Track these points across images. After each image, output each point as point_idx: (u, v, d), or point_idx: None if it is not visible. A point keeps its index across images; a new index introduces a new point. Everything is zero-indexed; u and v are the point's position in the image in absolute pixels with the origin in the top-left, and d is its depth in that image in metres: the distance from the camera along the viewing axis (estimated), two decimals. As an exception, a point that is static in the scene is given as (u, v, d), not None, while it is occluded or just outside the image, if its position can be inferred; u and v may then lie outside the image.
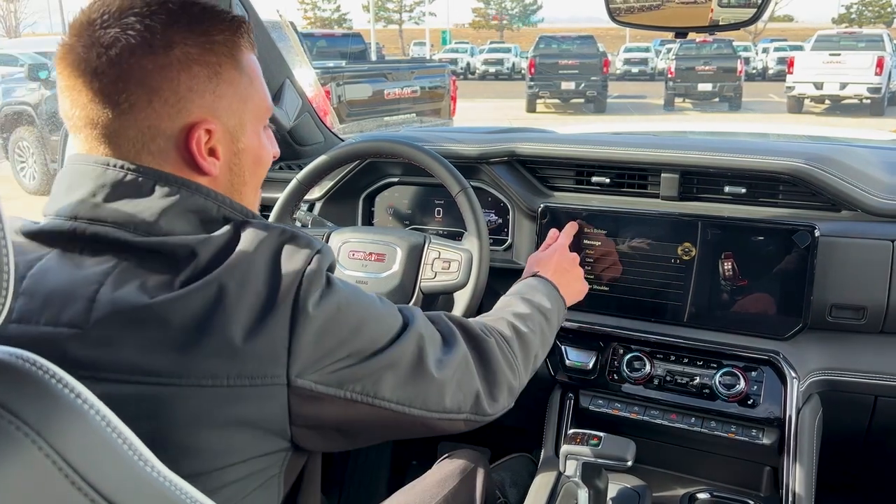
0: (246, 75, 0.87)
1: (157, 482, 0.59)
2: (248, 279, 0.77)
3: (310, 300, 0.78)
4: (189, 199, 0.81)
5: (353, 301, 0.85)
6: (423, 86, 8.82)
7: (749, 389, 1.43)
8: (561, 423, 1.60)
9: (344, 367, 0.81)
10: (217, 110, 0.84)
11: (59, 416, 0.53)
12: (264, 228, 0.82)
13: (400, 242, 1.51)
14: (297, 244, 0.81)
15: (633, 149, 1.60)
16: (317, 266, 0.80)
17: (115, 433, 0.57)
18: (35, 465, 0.51)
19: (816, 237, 1.38)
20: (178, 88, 0.80)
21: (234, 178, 0.89)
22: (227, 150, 0.87)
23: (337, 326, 0.81)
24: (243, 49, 0.87)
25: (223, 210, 0.84)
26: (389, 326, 0.89)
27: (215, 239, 0.79)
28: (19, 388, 0.53)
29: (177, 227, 0.80)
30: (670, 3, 1.33)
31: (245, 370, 0.74)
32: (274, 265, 0.79)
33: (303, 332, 0.77)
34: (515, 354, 1.08)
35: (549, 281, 1.32)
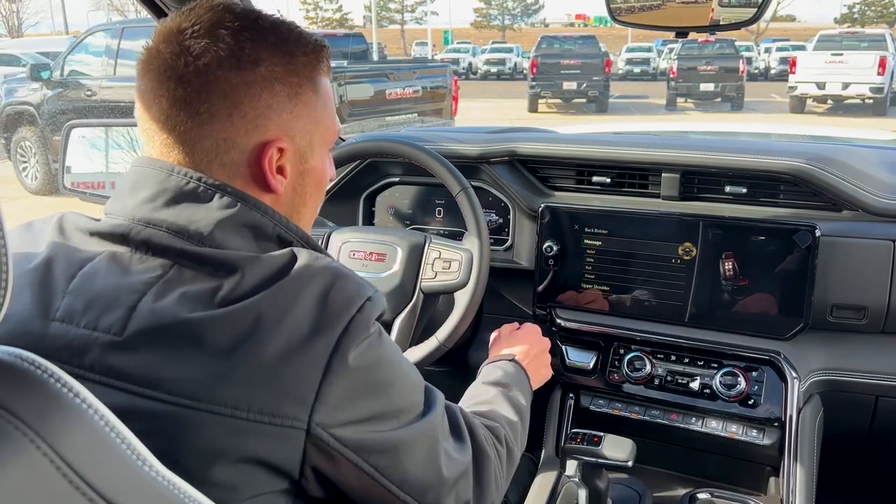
0: (321, 98, 0.88)
1: (157, 482, 0.59)
2: (290, 312, 0.74)
3: (353, 348, 0.75)
4: (246, 214, 0.81)
5: (392, 361, 0.82)
6: (424, 86, 8.81)
7: (750, 389, 1.43)
8: (561, 423, 1.60)
9: (366, 431, 0.78)
10: (292, 130, 0.85)
11: (59, 416, 0.53)
12: (316, 262, 0.79)
13: (400, 242, 1.51)
14: (348, 285, 0.78)
15: (634, 148, 1.60)
16: (366, 313, 0.78)
17: (115, 433, 0.57)
18: (34, 465, 0.50)
19: (817, 237, 1.38)
20: (259, 105, 0.81)
21: (297, 197, 0.89)
22: (295, 170, 0.87)
23: (372, 383, 0.79)
24: (322, 73, 0.88)
25: (278, 229, 0.83)
26: (417, 400, 0.86)
27: (264, 260, 0.78)
28: (19, 388, 0.53)
29: (230, 240, 0.79)
30: (671, 2, 1.33)
31: (267, 406, 0.71)
32: (320, 303, 0.76)
33: (336, 379, 0.74)
34: (503, 472, 1.04)
35: (525, 371, 1.28)
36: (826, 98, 16.50)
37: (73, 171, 1.90)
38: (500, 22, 63.28)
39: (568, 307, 1.60)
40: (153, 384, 0.70)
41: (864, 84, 15.63)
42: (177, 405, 0.70)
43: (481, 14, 64.59)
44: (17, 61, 14.76)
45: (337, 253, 1.55)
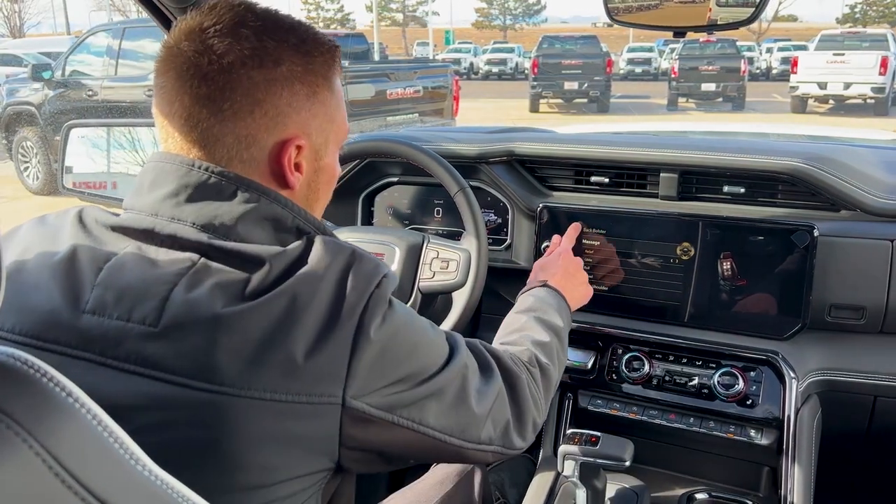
0: (335, 97, 0.91)
1: (150, 482, 0.58)
2: (315, 296, 0.77)
3: (373, 323, 0.79)
4: (267, 208, 0.83)
5: (409, 325, 0.86)
6: (425, 86, 8.82)
7: (748, 389, 1.43)
8: (560, 423, 1.60)
9: (396, 392, 0.82)
10: (309, 128, 0.87)
11: (51, 415, 0.53)
12: (334, 246, 0.82)
13: (398, 242, 1.51)
14: (365, 265, 0.82)
15: (632, 148, 1.60)
16: (383, 289, 0.81)
17: (107, 433, 0.56)
18: (26, 464, 0.50)
19: (815, 237, 1.38)
20: (280, 103, 0.83)
21: (311, 193, 0.91)
22: (310, 167, 0.89)
23: (394, 351, 0.82)
24: (336, 73, 0.91)
25: (297, 221, 0.85)
26: (438, 353, 0.89)
27: (289, 253, 0.80)
28: (10, 388, 0.52)
29: (253, 233, 0.81)
30: (669, 2, 1.34)
31: (303, 387, 0.74)
32: (341, 285, 0.79)
33: (363, 354, 0.78)
34: (540, 389, 1.08)
35: (559, 292, 1.32)
36: (827, 98, 16.49)
37: (73, 171, 1.90)
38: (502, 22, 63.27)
39: None
40: (192, 374, 0.72)
41: (866, 84, 15.61)
42: (216, 392, 0.72)
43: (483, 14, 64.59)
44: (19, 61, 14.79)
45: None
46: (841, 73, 15.70)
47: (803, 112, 16.49)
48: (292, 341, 0.74)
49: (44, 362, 0.56)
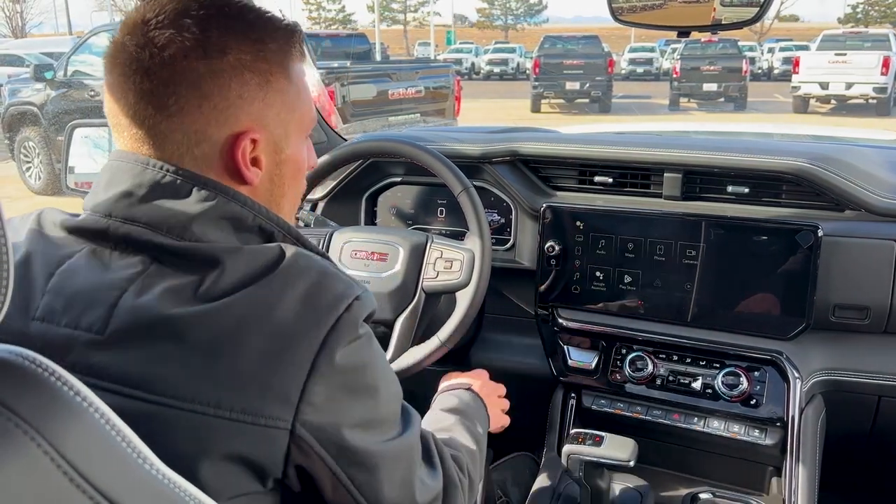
0: (294, 85, 0.86)
1: (157, 480, 0.59)
2: (275, 310, 0.73)
3: (339, 348, 0.74)
4: (225, 206, 0.79)
5: (379, 366, 0.81)
6: (427, 86, 8.81)
7: (752, 389, 1.43)
8: (563, 423, 1.60)
9: (349, 437, 0.77)
10: (265, 119, 0.83)
11: (58, 413, 0.53)
12: (305, 259, 0.78)
13: (402, 242, 1.51)
14: (336, 284, 0.77)
15: (636, 148, 1.60)
16: (353, 314, 0.76)
17: (115, 431, 0.57)
18: (34, 462, 0.51)
19: (820, 237, 1.38)
20: (229, 95, 0.79)
21: (274, 188, 0.87)
22: (270, 160, 0.85)
23: (358, 385, 0.78)
24: (294, 58, 0.86)
25: (258, 220, 0.81)
26: (397, 411, 0.85)
27: (247, 253, 0.76)
28: (18, 386, 0.53)
29: (209, 233, 0.77)
30: (673, 2, 1.33)
31: (251, 406, 0.70)
32: (307, 301, 0.74)
33: (322, 379, 0.73)
34: (466, 501, 1.02)
35: (483, 401, 1.26)
36: (829, 98, 16.47)
37: (76, 171, 1.90)
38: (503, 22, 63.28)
39: (570, 307, 1.60)
40: (136, 383, 0.69)
41: (868, 84, 15.60)
42: (160, 405, 0.69)
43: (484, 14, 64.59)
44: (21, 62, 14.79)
45: (339, 253, 1.55)
46: (843, 73, 15.69)
47: (805, 112, 16.48)
48: (242, 355, 0.70)
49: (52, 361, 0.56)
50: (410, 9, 59.24)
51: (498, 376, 1.75)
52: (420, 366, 1.47)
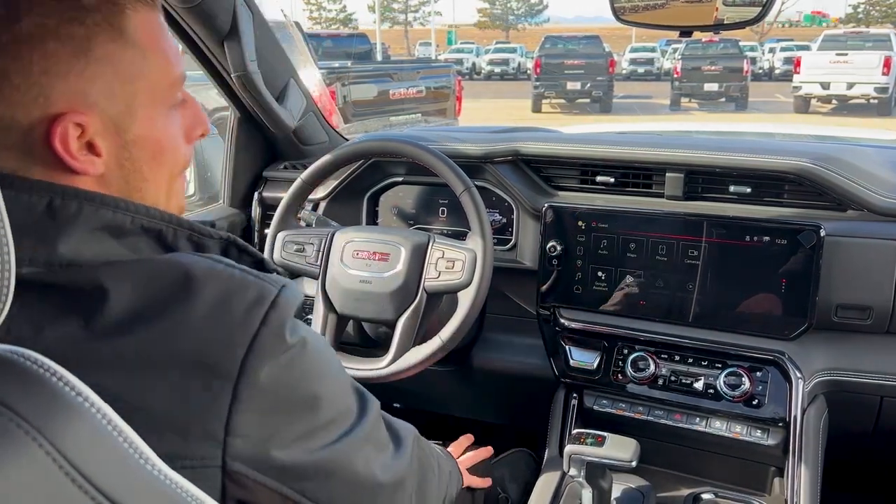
0: (133, 46, 0.69)
1: (158, 480, 0.58)
2: (181, 337, 0.63)
3: (263, 368, 0.64)
4: (94, 216, 0.65)
5: (318, 370, 0.71)
6: (428, 86, 8.84)
7: (754, 390, 1.43)
8: (565, 423, 1.60)
9: (290, 455, 0.68)
10: (89, 97, 0.67)
11: (59, 413, 0.53)
12: (201, 266, 0.66)
13: (404, 242, 1.51)
14: (245, 292, 0.66)
15: (638, 148, 1.59)
16: (272, 324, 0.65)
17: (116, 431, 0.56)
18: (34, 461, 0.51)
19: (822, 237, 1.37)
20: (32, 70, 0.64)
21: (129, 175, 0.72)
22: (112, 144, 0.70)
23: (293, 400, 0.68)
24: (127, 12, 0.68)
25: (139, 220, 0.68)
26: (348, 404, 0.77)
27: (131, 269, 0.65)
28: (19, 385, 0.53)
29: (84, 251, 0.64)
30: (675, 1, 1.33)
31: (174, 450, 0.61)
32: (214, 321, 0.64)
33: (247, 406, 0.64)
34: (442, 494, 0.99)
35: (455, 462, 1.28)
36: (830, 98, 16.48)
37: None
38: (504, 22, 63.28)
39: (571, 307, 1.60)
40: None
41: (869, 84, 15.61)
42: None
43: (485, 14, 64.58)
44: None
45: (340, 252, 1.55)
46: (844, 73, 15.71)
47: (806, 112, 16.48)
48: (153, 397, 0.61)
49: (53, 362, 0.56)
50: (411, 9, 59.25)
51: (499, 376, 1.76)
52: (422, 366, 1.47)
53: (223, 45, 1.57)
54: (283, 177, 1.91)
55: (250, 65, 1.58)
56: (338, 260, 1.54)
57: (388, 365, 1.48)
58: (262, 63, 1.65)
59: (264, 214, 1.93)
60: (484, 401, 1.93)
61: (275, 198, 1.87)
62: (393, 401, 2.07)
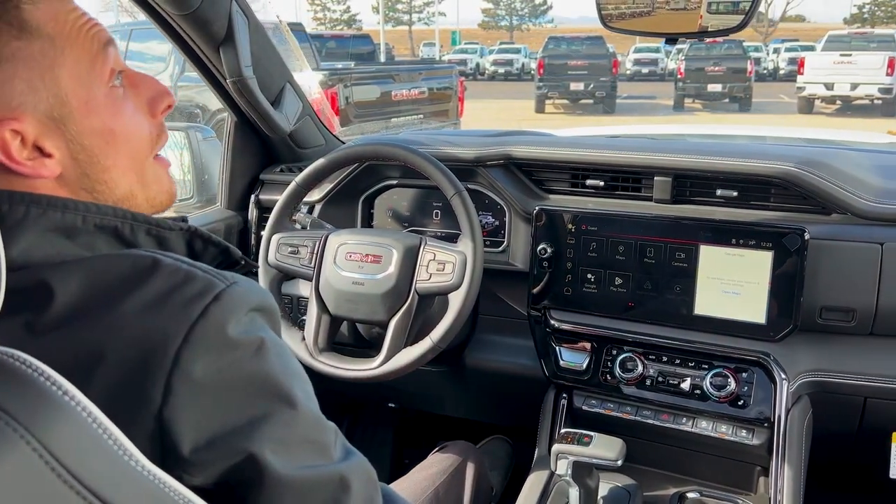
0: (40, 37, 0.66)
1: (144, 477, 0.59)
2: (121, 329, 0.61)
3: (197, 361, 0.61)
4: (42, 219, 0.65)
5: (269, 377, 0.66)
6: (430, 87, 8.85)
7: (739, 390, 1.45)
8: (555, 423, 1.62)
9: (241, 467, 0.64)
10: (12, 100, 0.65)
11: (48, 412, 0.55)
12: (149, 261, 0.65)
13: (396, 244, 1.54)
14: (191, 286, 0.64)
15: (627, 152, 1.62)
16: (213, 317, 0.63)
17: (102, 430, 0.57)
18: (24, 460, 0.52)
19: (806, 240, 1.39)
20: None
21: (87, 168, 0.70)
22: (59, 140, 0.68)
23: (243, 401, 0.64)
24: (23, 6, 0.65)
25: (91, 218, 0.67)
26: (315, 435, 0.71)
27: (73, 268, 0.64)
28: (8, 385, 0.54)
29: (35, 253, 0.64)
30: (661, 9, 1.35)
31: None
32: (151, 316, 0.62)
33: (182, 401, 0.61)
34: None
35: None
36: (834, 99, 16.47)
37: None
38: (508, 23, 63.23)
39: (561, 308, 1.62)
40: None
41: (873, 85, 15.59)
42: None
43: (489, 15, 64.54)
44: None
45: (334, 254, 1.57)
46: (848, 74, 15.69)
47: (810, 113, 16.45)
48: (91, 393, 0.57)
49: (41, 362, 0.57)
50: (415, 9, 59.26)
51: (491, 376, 1.79)
52: (413, 366, 1.50)
53: (219, 50, 1.59)
54: (279, 179, 1.94)
55: (245, 70, 1.61)
56: (331, 262, 1.57)
57: (380, 365, 1.51)
58: (258, 68, 1.68)
59: (261, 217, 1.96)
60: (476, 400, 1.95)
61: (271, 200, 1.90)
62: (387, 401, 2.09)
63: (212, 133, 2.24)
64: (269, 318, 0.70)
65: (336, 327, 1.62)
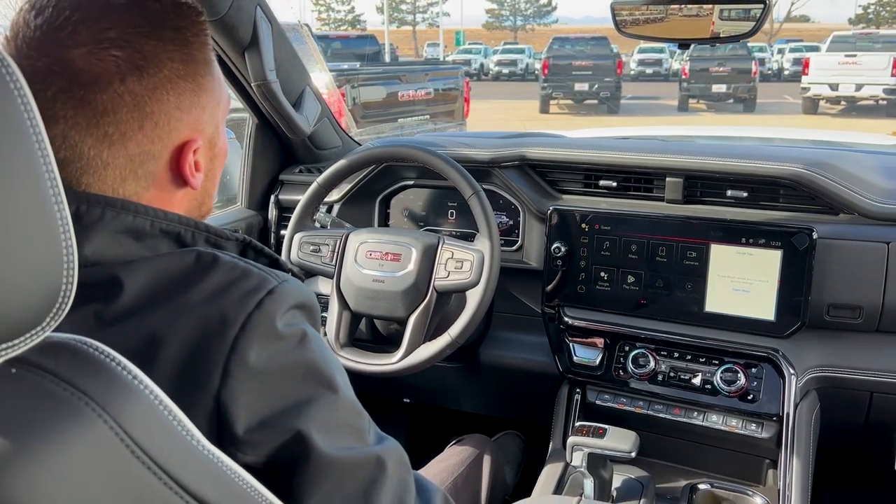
0: (216, 76, 0.81)
1: (204, 456, 0.64)
2: (183, 319, 0.67)
3: (252, 349, 0.68)
4: (114, 221, 0.71)
5: (311, 367, 0.73)
6: (436, 88, 8.88)
7: (749, 385, 1.49)
8: (569, 417, 1.67)
9: (289, 445, 0.70)
10: (201, 123, 0.79)
11: (120, 393, 0.59)
12: (209, 259, 0.72)
13: (415, 243, 1.58)
14: (247, 281, 0.71)
15: (640, 154, 1.66)
16: (269, 310, 0.70)
17: (167, 411, 0.62)
18: (102, 437, 0.57)
19: (814, 239, 1.44)
20: (168, 109, 0.75)
21: (209, 183, 0.84)
22: (206, 159, 0.81)
23: (291, 385, 0.71)
24: (210, 49, 0.80)
25: (158, 223, 0.74)
26: (353, 422, 0.78)
27: (146, 264, 0.71)
28: (86, 369, 0.59)
29: (106, 252, 0.71)
30: (674, 15, 1.40)
31: None
32: (213, 305, 0.68)
33: (237, 384, 0.67)
34: None
35: None
36: (839, 99, 16.44)
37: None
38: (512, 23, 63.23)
39: (575, 306, 1.66)
40: None
41: (878, 85, 15.57)
42: None
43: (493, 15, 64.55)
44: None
45: (354, 253, 1.62)
46: (853, 75, 15.67)
47: (814, 113, 16.43)
48: (155, 377, 0.62)
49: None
50: (419, 10, 59.31)
51: (506, 372, 1.83)
52: (432, 361, 1.54)
53: (244, 55, 1.64)
54: (298, 180, 1.99)
55: (269, 74, 1.65)
56: (352, 260, 1.62)
57: (400, 360, 1.55)
58: (280, 71, 1.73)
59: (280, 216, 2.00)
60: (491, 396, 2.00)
61: (290, 200, 1.95)
62: (404, 396, 2.14)
63: (231, 134, 2.29)
64: (309, 315, 0.77)
65: (356, 323, 1.66)
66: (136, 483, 0.59)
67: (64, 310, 0.60)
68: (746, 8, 1.32)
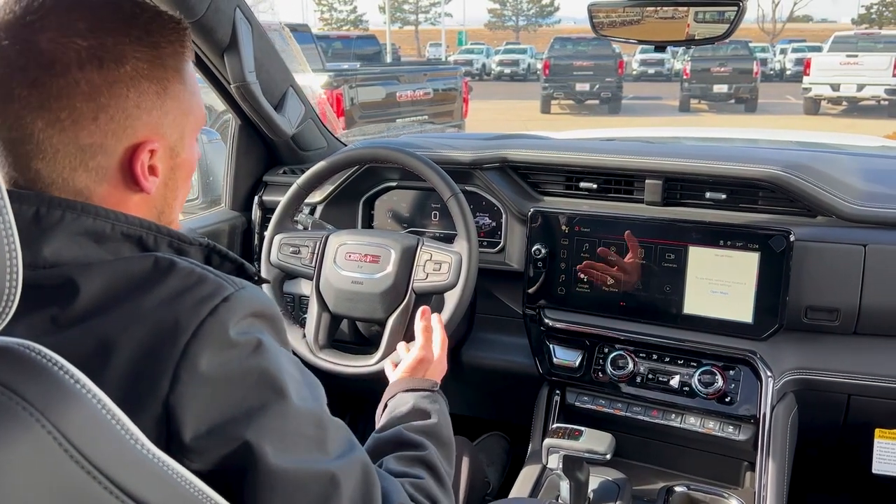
0: (189, 87, 0.82)
1: (149, 460, 0.64)
2: (137, 324, 0.67)
3: (203, 355, 0.68)
4: (74, 223, 0.72)
5: (278, 367, 0.73)
6: (435, 88, 8.88)
7: (727, 387, 1.49)
8: (548, 419, 1.67)
9: (236, 454, 0.69)
10: (162, 127, 0.79)
11: (61, 398, 0.59)
12: (167, 265, 0.72)
13: (394, 245, 1.59)
14: (203, 287, 0.71)
15: (619, 156, 1.66)
16: (222, 316, 0.69)
17: (111, 416, 0.62)
18: (38, 440, 0.57)
19: (792, 241, 1.43)
20: (126, 105, 0.75)
21: (168, 192, 0.83)
22: (166, 166, 0.81)
23: (241, 394, 0.70)
24: (187, 59, 0.82)
25: (119, 227, 0.75)
26: (311, 432, 0.76)
27: (104, 267, 0.71)
28: (25, 373, 0.59)
29: (64, 254, 0.71)
30: (650, 18, 1.40)
31: None
32: (165, 313, 0.68)
33: (186, 390, 0.67)
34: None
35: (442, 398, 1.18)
36: (841, 99, 16.41)
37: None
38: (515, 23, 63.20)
39: (555, 307, 1.67)
40: None
41: (879, 85, 15.54)
42: None
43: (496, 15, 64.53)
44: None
45: (334, 254, 1.62)
46: (854, 75, 15.64)
47: (816, 114, 16.40)
48: (106, 382, 0.63)
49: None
50: (422, 10, 59.32)
51: (487, 373, 1.83)
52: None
53: (223, 56, 1.64)
54: (282, 181, 1.99)
55: (249, 76, 1.66)
56: (331, 262, 1.62)
57: (378, 362, 1.55)
58: (261, 73, 1.73)
59: (264, 217, 2.01)
60: (473, 397, 2.00)
61: (274, 201, 1.95)
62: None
63: (217, 135, 2.29)
64: (269, 324, 0.76)
65: (336, 325, 1.67)
66: (75, 487, 0.59)
67: (8, 314, 0.60)
68: (721, 10, 1.32)
